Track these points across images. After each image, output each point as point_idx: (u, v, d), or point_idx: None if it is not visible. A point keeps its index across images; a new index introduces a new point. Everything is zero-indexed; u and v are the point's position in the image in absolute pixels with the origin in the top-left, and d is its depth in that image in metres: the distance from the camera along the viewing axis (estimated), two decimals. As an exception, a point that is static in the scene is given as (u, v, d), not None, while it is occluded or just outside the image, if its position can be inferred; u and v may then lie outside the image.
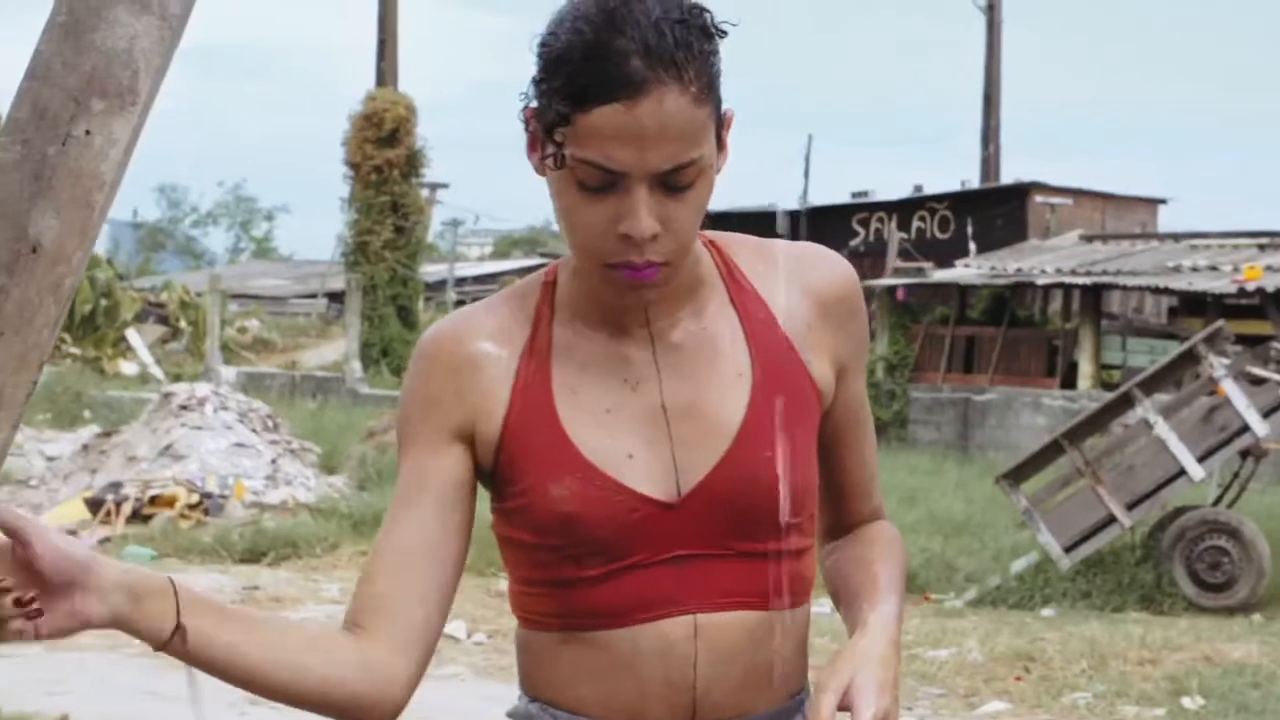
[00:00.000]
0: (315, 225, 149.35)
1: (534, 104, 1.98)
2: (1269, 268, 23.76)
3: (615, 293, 2.01)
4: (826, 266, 2.17)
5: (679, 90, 1.91)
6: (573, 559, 2.03)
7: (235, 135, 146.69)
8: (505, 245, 74.14)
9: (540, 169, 2.00)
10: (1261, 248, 26.02)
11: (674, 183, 1.94)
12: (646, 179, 1.92)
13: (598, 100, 1.89)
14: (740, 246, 2.16)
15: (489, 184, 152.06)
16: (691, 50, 1.92)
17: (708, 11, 1.97)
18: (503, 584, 12.06)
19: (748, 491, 2.03)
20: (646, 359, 2.07)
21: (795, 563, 2.09)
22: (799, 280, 2.14)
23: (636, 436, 2.05)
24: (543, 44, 1.96)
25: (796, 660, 2.13)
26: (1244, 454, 12.35)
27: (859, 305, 2.19)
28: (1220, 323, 13.09)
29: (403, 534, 2.05)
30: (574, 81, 1.90)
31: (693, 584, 2.04)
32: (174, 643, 1.87)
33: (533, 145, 2.01)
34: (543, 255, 61.81)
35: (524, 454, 2.04)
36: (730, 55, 2.05)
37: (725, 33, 1.98)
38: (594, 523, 2.01)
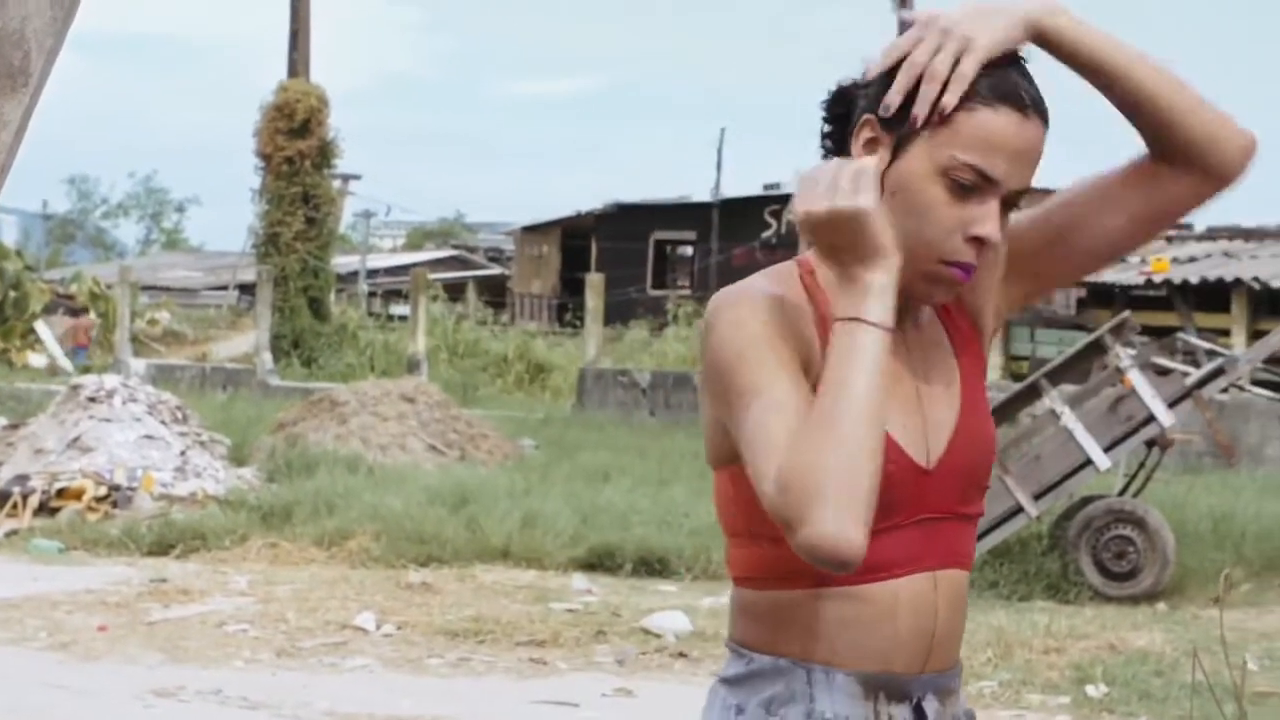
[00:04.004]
0: (226, 217, 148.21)
1: (870, 113, 2.18)
2: (1175, 260, 24.06)
3: (931, 289, 2.19)
4: None
5: (1043, 125, 2.19)
6: None
7: (146, 126, 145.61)
8: (417, 237, 73.91)
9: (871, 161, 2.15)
10: (1169, 240, 26.30)
11: (1012, 204, 2.19)
12: (1004, 193, 2.16)
13: (1002, 102, 2.13)
14: None
15: (401, 176, 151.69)
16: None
17: None
18: (414, 576, 12.02)
19: (975, 455, 2.29)
20: (901, 346, 2.24)
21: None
22: None
23: (903, 410, 2.24)
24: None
25: None
26: (1150, 444, 12.46)
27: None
28: (1126, 314, 13.19)
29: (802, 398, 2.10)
30: (980, 81, 2.12)
31: (932, 543, 2.25)
32: None
33: (870, 148, 2.18)
34: (455, 246, 61.67)
35: None
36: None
37: None
38: (887, 482, 2.12)
